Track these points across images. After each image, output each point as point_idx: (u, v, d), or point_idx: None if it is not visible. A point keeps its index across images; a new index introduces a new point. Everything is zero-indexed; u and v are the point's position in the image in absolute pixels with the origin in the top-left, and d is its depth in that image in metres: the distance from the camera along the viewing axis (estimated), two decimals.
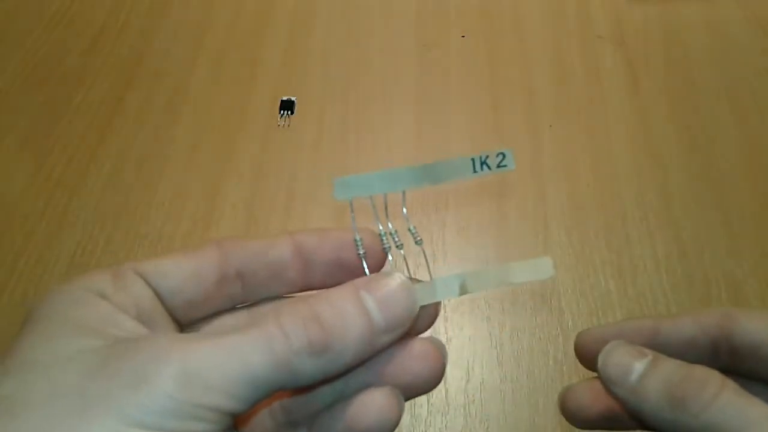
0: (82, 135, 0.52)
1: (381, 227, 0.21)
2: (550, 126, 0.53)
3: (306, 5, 0.62)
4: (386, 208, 0.21)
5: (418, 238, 0.22)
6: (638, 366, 0.20)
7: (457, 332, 0.42)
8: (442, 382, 0.40)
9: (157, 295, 0.20)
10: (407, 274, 0.20)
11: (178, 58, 0.58)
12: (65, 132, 0.53)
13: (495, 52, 0.58)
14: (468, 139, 0.52)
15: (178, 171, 0.50)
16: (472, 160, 0.22)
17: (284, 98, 0.54)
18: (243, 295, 0.22)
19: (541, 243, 0.46)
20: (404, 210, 0.21)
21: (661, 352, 0.21)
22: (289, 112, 0.54)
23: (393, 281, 0.19)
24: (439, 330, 0.42)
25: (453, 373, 0.41)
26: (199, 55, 0.58)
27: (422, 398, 0.40)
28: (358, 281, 0.19)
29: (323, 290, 0.19)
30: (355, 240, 0.21)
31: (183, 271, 0.21)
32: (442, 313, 0.43)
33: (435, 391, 0.40)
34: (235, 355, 0.17)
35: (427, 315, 0.20)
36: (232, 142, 0.52)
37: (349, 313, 0.18)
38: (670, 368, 0.20)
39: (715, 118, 0.53)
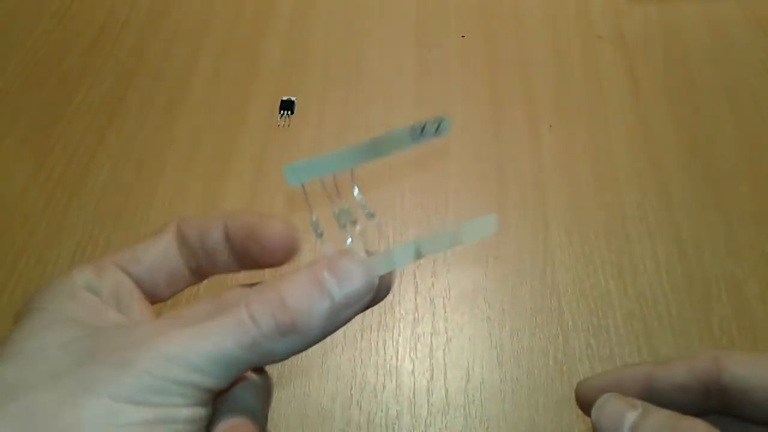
0: (82, 135, 0.52)
1: (335, 208, 0.23)
2: (550, 126, 0.53)
3: (306, 5, 0.62)
4: (337, 188, 0.23)
5: (371, 212, 0.23)
6: (630, 417, 0.21)
7: (457, 332, 0.42)
8: (443, 382, 0.40)
9: (134, 279, 0.23)
10: (367, 249, 0.21)
11: (178, 58, 0.58)
12: (65, 132, 0.53)
13: (495, 52, 0.58)
14: (468, 139, 0.52)
15: (178, 171, 0.50)
16: (411, 128, 0.23)
17: (284, 98, 0.54)
18: (206, 271, 0.24)
19: (541, 243, 0.46)
20: (355, 189, 0.23)
21: (656, 398, 0.22)
22: (289, 112, 0.54)
23: (351, 260, 0.20)
24: (439, 330, 0.42)
25: (453, 373, 0.41)
26: (199, 55, 0.58)
27: (422, 398, 0.40)
28: (319, 263, 0.20)
29: (288, 274, 0.20)
30: (312, 222, 0.23)
31: (153, 254, 0.23)
32: (442, 313, 0.43)
33: (435, 391, 0.40)
34: (210, 340, 0.18)
35: (385, 283, 0.22)
36: (232, 142, 0.52)
37: (311, 296, 0.19)
38: (660, 419, 0.21)
39: (715, 118, 0.53)
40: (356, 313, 0.21)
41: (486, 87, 0.55)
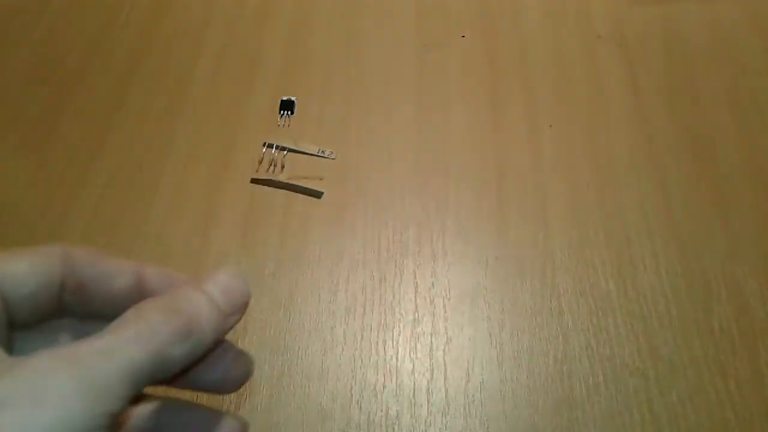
0: (82, 135, 0.52)
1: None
2: (550, 126, 0.53)
3: (306, 5, 0.62)
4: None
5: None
6: None
7: (457, 332, 0.42)
8: (443, 382, 0.40)
9: (7, 304, 0.20)
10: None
11: (178, 58, 0.58)
12: (65, 132, 0.53)
13: (495, 52, 0.58)
14: (468, 139, 0.52)
15: (178, 171, 0.50)
16: None
17: (284, 98, 0.54)
18: (76, 305, 0.22)
19: (541, 243, 0.46)
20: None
21: None
22: (289, 112, 0.54)
23: (225, 273, 0.22)
24: (439, 330, 0.42)
25: (453, 373, 0.41)
26: (199, 55, 0.58)
27: (422, 398, 0.40)
28: (196, 280, 0.21)
29: (171, 290, 0.21)
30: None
31: (36, 279, 0.20)
32: (442, 313, 0.43)
33: (435, 391, 0.40)
34: (119, 356, 0.17)
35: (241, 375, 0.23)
36: (232, 142, 0.52)
37: (200, 303, 0.20)
38: None
39: (715, 118, 0.53)
40: (237, 322, 0.22)
41: (486, 87, 0.55)
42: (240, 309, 0.22)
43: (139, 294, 0.22)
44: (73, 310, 0.22)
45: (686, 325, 0.42)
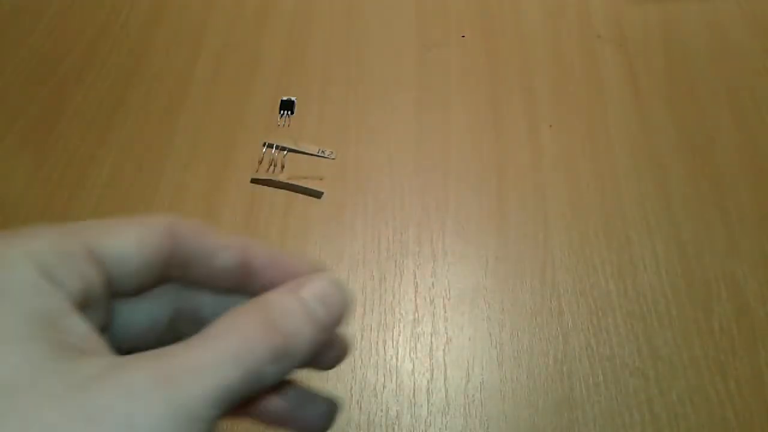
0: (82, 135, 0.52)
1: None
2: (550, 126, 0.53)
3: (306, 5, 0.62)
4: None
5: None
6: None
7: (457, 332, 0.42)
8: (443, 382, 0.40)
9: (109, 277, 0.18)
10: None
11: (178, 58, 0.58)
12: (65, 132, 0.53)
13: (495, 52, 0.58)
14: (468, 139, 0.52)
15: (178, 171, 0.50)
16: None
17: (284, 98, 0.54)
18: (179, 275, 0.21)
19: (541, 243, 0.46)
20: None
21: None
22: (289, 112, 0.54)
23: (327, 281, 0.20)
24: (439, 330, 0.42)
25: (453, 373, 0.41)
26: (199, 56, 0.58)
27: (422, 398, 0.40)
28: (295, 285, 0.20)
29: (267, 295, 0.19)
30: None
31: (142, 257, 0.19)
32: (442, 313, 0.43)
33: (435, 391, 0.40)
34: (211, 376, 0.16)
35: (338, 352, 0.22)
36: (232, 142, 0.52)
37: (300, 318, 0.19)
38: None
39: (715, 118, 0.53)
40: (330, 337, 0.20)
41: (486, 87, 0.55)
42: (338, 322, 0.20)
43: (242, 273, 0.21)
44: (176, 278, 0.21)
45: (686, 325, 0.42)
